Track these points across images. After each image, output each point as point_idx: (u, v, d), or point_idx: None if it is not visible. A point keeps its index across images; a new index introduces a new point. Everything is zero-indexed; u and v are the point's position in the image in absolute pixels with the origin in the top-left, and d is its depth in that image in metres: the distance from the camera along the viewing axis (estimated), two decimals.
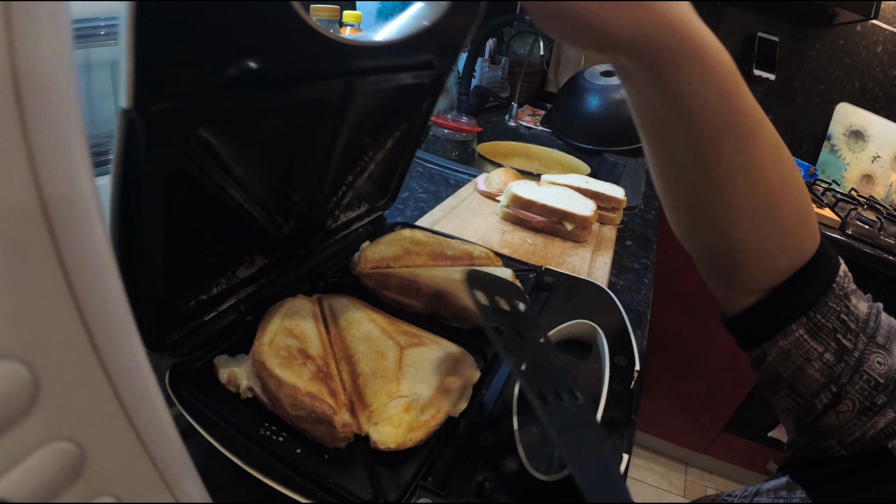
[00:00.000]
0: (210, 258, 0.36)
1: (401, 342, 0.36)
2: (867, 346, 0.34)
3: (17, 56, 0.10)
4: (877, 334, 0.34)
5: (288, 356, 0.32)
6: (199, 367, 0.34)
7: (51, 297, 0.12)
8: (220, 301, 0.37)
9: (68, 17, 0.11)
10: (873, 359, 0.33)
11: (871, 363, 0.33)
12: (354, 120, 0.38)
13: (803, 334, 0.34)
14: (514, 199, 0.70)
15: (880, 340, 0.34)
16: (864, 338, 0.34)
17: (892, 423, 0.32)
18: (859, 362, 0.33)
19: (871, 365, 0.33)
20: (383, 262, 0.47)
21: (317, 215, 0.43)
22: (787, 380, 0.36)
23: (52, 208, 0.12)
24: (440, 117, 1.11)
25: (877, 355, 0.34)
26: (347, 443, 0.30)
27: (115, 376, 0.14)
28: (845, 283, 0.35)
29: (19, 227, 0.11)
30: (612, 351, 0.40)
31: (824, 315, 0.34)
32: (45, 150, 0.11)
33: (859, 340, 0.34)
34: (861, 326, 0.34)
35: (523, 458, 0.30)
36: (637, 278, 0.67)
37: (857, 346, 0.34)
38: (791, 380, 0.35)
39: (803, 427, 0.36)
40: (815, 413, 0.35)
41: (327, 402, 0.29)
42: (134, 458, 0.15)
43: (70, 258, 0.12)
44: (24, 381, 0.12)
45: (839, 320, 0.34)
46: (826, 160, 1.55)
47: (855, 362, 0.33)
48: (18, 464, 0.12)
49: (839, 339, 0.34)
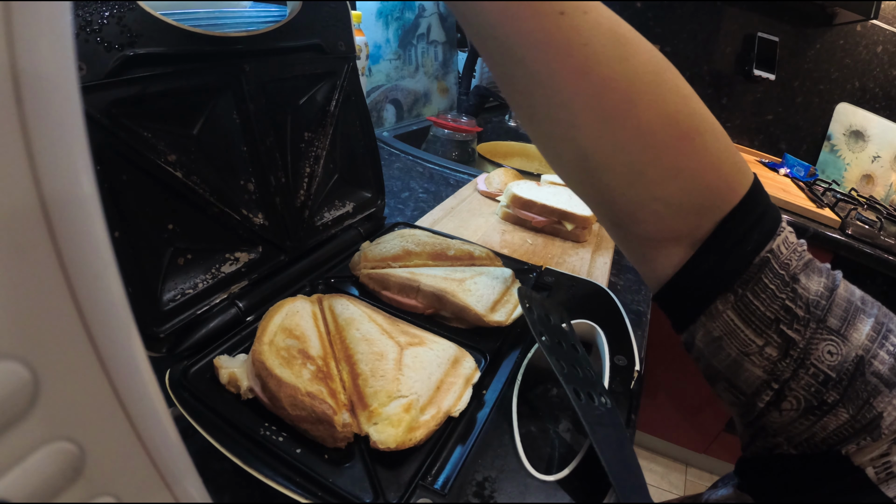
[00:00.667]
0: (185, 253, 0.37)
1: (401, 342, 0.36)
2: (815, 333, 0.28)
3: (17, 56, 0.10)
4: (829, 316, 0.28)
5: (288, 356, 0.32)
6: (199, 367, 0.34)
7: (51, 297, 0.12)
8: (208, 295, 0.38)
9: (68, 17, 0.11)
10: (822, 348, 0.27)
11: (819, 353, 0.27)
12: (269, 108, 0.42)
13: (733, 318, 0.29)
14: (514, 199, 0.70)
15: (833, 324, 0.28)
16: (814, 323, 0.28)
17: (845, 426, 0.27)
18: (805, 353, 0.28)
19: (819, 356, 0.27)
20: (383, 262, 0.47)
21: (286, 206, 0.44)
22: (723, 373, 0.31)
23: (52, 208, 0.12)
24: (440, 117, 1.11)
25: (828, 343, 0.27)
26: (347, 443, 0.30)
27: (115, 376, 0.14)
28: (791, 258, 0.29)
29: (19, 227, 0.11)
30: (612, 351, 0.40)
31: (759, 297, 0.28)
32: (45, 150, 0.11)
33: (808, 329, 0.28)
34: (811, 311, 0.28)
35: (523, 458, 0.30)
36: (637, 278, 0.67)
37: (805, 335, 0.28)
38: (728, 374, 0.30)
39: (748, 423, 0.31)
40: (757, 410, 0.30)
41: (327, 403, 0.29)
42: (134, 458, 0.15)
43: (70, 258, 0.12)
44: (24, 381, 0.12)
45: (783, 308, 0.28)
46: (826, 160, 1.55)
47: (800, 354, 0.28)
48: (18, 464, 0.12)
49: (783, 330, 0.28)
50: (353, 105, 0.52)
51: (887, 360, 0.27)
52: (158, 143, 0.34)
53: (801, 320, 0.28)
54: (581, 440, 0.34)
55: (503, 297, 0.45)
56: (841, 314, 0.28)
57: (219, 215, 0.38)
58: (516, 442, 0.31)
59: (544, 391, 0.39)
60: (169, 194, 0.35)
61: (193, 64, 0.36)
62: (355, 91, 0.52)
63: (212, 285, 0.38)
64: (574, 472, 0.30)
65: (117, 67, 0.31)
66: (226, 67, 0.38)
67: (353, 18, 0.79)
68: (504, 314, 0.43)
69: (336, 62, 0.49)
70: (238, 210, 0.40)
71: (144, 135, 0.33)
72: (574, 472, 0.30)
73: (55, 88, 0.11)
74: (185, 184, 0.35)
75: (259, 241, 0.42)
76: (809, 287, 0.28)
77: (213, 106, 0.38)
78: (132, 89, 0.32)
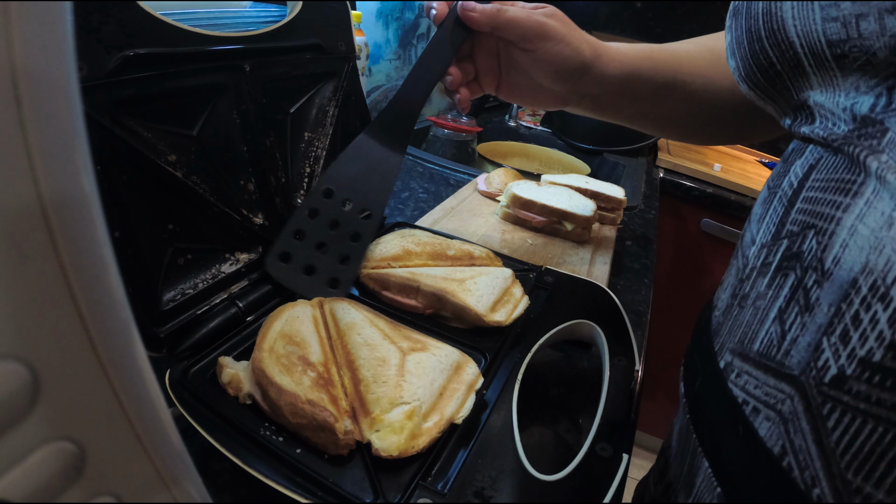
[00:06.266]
0: (185, 253, 0.37)
1: (403, 347, 0.36)
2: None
3: (17, 56, 0.10)
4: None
5: (288, 363, 0.32)
6: (199, 367, 0.34)
7: (51, 297, 0.12)
8: (208, 295, 0.38)
9: (68, 17, 0.11)
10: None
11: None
12: (269, 108, 0.42)
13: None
14: (514, 199, 0.70)
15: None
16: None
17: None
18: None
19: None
20: (383, 262, 0.47)
21: (286, 206, 0.45)
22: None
23: (52, 208, 0.12)
24: (440, 117, 1.11)
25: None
26: (349, 450, 0.30)
27: (115, 376, 0.14)
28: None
29: (19, 228, 0.11)
30: (612, 351, 0.40)
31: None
32: (45, 150, 0.11)
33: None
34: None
35: (523, 458, 0.30)
36: (637, 278, 0.67)
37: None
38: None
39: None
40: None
41: (328, 410, 0.29)
42: (134, 458, 0.15)
43: (70, 258, 0.12)
44: (24, 381, 0.12)
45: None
46: None
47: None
48: (18, 464, 0.12)
49: None
50: (353, 105, 0.52)
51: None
52: (158, 143, 0.34)
53: None
54: (581, 440, 0.34)
55: (503, 297, 0.45)
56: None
57: (219, 215, 0.38)
58: (516, 442, 0.31)
59: (544, 391, 0.39)
60: (169, 194, 0.35)
61: (193, 64, 0.36)
62: (355, 91, 0.52)
63: (212, 285, 0.38)
64: (574, 472, 0.30)
65: (117, 67, 0.31)
66: (226, 67, 0.38)
67: (353, 18, 0.79)
68: (504, 314, 0.43)
69: (336, 62, 0.49)
70: (238, 210, 0.40)
71: (144, 135, 0.33)
72: (574, 472, 0.30)
73: (55, 88, 0.11)
74: (185, 184, 0.35)
75: (259, 241, 0.42)
76: None
77: (213, 106, 0.38)
78: (132, 89, 0.32)
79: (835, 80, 0.26)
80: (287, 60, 0.44)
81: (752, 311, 0.30)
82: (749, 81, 0.32)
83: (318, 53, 0.47)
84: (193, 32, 0.35)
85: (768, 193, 0.32)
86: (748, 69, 0.31)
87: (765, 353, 0.27)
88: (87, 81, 0.29)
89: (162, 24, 0.33)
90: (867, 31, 0.22)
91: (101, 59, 0.30)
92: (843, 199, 0.25)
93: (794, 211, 0.28)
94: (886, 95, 0.23)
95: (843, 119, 0.26)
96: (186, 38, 0.35)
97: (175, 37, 0.34)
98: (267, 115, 0.42)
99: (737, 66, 0.33)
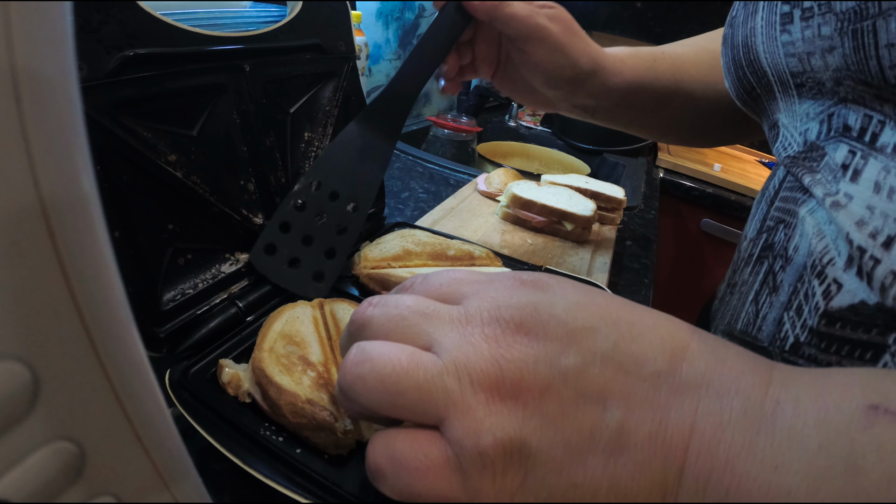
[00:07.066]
0: (185, 253, 0.37)
1: None
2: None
3: (17, 56, 0.10)
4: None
5: (288, 363, 0.32)
6: (199, 367, 0.34)
7: (51, 297, 0.12)
8: (208, 295, 0.38)
9: (68, 17, 0.11)
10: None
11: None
12: (269, 108, 0.42)
13: None
14: (514, 199, 0.70)
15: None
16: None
17: None
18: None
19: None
20: (383, 262, 0.47)
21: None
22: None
23: (52, 208, 0.12)
24: (440, 117, 1.11)
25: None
26: (349, 449, 0.30)
27: (115, 376, 0.14)
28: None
29: (19, 227, 0.11)
30: None
31: None
32: (44, 150, 0.11)
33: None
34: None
35: None
36: (637, 278, 0.67)
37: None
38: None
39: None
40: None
41: (328, 410, 0.29)
42: (134, 458, 0.15)
43: (70, 258, 0.12)
44: (24, 381, 0.12)
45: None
46: None
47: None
48: (18, 464, 0.12)
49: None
50: (353, 105, 0.52)
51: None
52: (158, 143, 0.34)
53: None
54: None
55: None
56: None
57: (219, 215, 0.38)
58: None
59: None
60: (169, 194, 0.35)
61: (193, 64, 0.36)
62: (355, 91, 0.52)
63: (212, 285, 0.38)
64: None
65: (117, 67, 0.31)
66: (226, 67, 0.38)
67: (353, 18, 0.79)
68: None
69: (336, 62, 0.49)
70: (238, 210, 0.40)
71: (144, 135, 0.33)
72: None
73: (55, 88, 0.11)
74: (184, 184, 0.35)
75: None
76: None
77: (213, 106, 0.38)
78: (132, 89, 0.32)
79: (794, 106, 0.32)
80: (287, 60, 0.44)
81: (738, 296, 0.35)
82: (741, 101, 0.38)
83: (318, 53, 0.47)
84: (193, 32, 0.35)
85: (760, 195, 0.38)
86: (738, 91, 0.37)
87: (745, 331, 0.33)
88: (87, 81, 0.29)
89: (162, 24, 0.33)
90: (816, 65, 0.28)
91: (101, 59, 0.30)
92: (802, 196, 0.30)
93: (773, 209, 0.34)
94: (826, 122, 0.29)
95: (797, 142, 0.31)
96: (186, 38, 0.35)
97: (175, 37, 0.34)
98: (267, 115, 0.42)
99: (730, 87, 0.39)
